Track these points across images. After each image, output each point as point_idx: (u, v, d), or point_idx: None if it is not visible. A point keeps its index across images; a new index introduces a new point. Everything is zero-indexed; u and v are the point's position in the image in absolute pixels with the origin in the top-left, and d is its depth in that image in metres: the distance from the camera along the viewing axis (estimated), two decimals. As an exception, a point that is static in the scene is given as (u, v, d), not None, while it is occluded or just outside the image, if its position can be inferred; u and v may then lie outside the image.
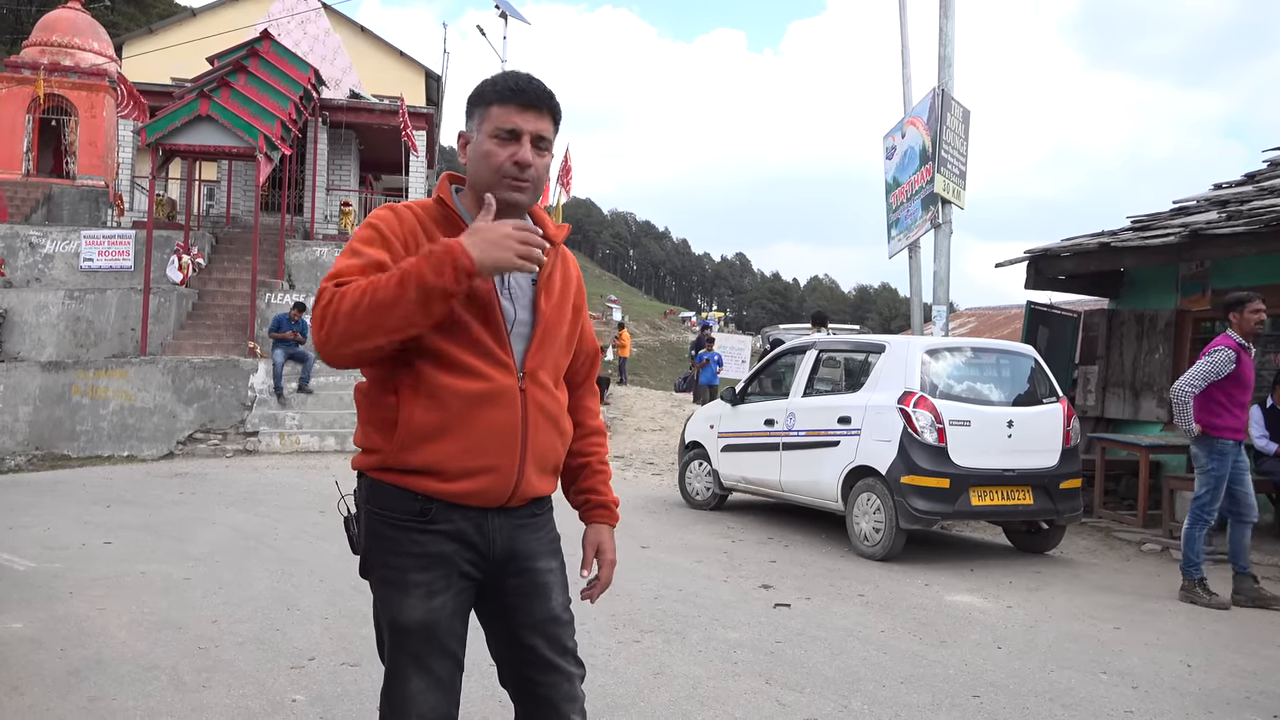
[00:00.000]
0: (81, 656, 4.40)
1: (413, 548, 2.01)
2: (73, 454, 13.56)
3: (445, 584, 2.03)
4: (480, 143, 2.06)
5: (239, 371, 14.29)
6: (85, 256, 16.83)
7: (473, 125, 2.10)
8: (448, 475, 1.99)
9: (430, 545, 2.01)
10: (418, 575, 2.00)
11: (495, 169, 2.04)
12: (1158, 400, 9.99)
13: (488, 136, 2.05)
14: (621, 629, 5.12)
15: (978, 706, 4.18)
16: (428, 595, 2.00)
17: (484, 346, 2.00)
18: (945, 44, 10.54)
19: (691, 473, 9.70)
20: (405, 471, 2.00)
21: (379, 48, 28.38)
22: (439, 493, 2.00)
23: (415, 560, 2.00)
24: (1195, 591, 6.40)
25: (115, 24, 32.20)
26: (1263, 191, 9.43)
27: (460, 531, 2.03)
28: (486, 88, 2.09)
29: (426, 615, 2.01)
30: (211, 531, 7.59)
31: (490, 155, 2.04)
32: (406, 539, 2.01)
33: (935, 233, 10.60)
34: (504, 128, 2.04)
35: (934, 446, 7.15)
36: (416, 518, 2.01)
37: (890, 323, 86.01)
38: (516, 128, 2.04)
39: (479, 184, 2.07)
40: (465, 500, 2.02)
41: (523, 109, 2.05)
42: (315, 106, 19.23)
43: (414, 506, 2.01)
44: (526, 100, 2.06)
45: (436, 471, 1.99)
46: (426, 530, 2.01)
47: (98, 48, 20.81)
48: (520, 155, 2.04)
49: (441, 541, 2.02)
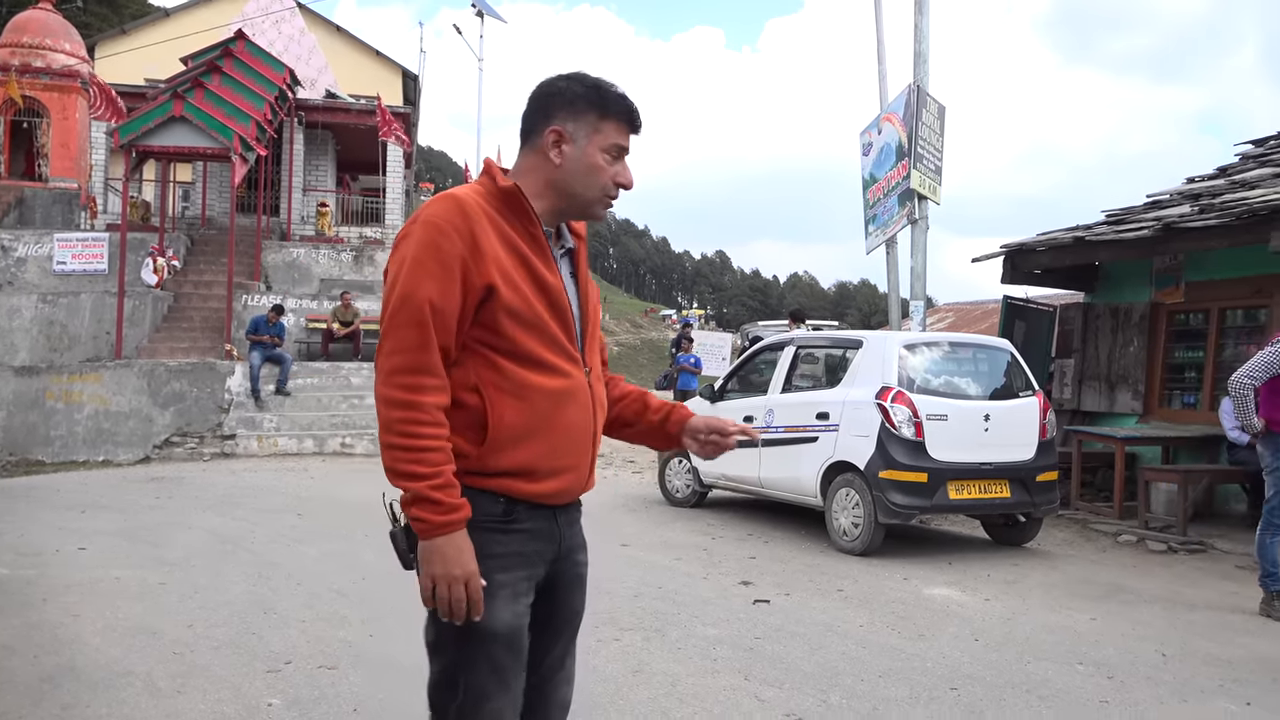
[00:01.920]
0: (55, 663, 4.35)
1: (495, 548, 1.94)
2: (47, 459, 13.41)
3: (528, 586, 2.00)
4: (589, 154, 2.02)
5: (216, 374, 14.18)
6: (58, 260, 16.64)
7: (575, 128, 2.02)
8: (538, 475, 1.97)
9: (512, 544, 1.97)
10: (502, 576, 1.95)
11: (601, 186, 2.04)
12: (1132, 393, 10.07)
13: (600, 150, 2.02)
14: (601, 627, 5.11)
15: (955, 699, 4.20)
16: (513, 597, 1.96)
17: (560, 343, 1.99)
18: (921, 40, 10.59)
19: (671, 470, 9.71)
20: (491, 475, 1.95)
21: (355, 47, 28.22)
22: (526, 494, 1.97)
23: (498, 561, 1.94)
24: (1274, 605, 5.86)
25: (87, 25, 31.84)
26: (1234, 185, 9.52)
27: (539, 530, 2.01)
28: (607, 99, 2.04)
29: (515, 619, 1.96)
30: (188, 536, 7.53)
31: (601, 171, 2.03)
32: (489, 541, 1.94)
33: (912, 228, 10.66)
34: (619, 146, 2.04)
35: (911, 441, 7.18)
36: (500, 519, 1.96)
37: (870, 318, 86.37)
38: (626, 148, 2.05)
39: (576, 193, 2.04)
40: (549, 500, 2.01)
41: (633, 131, 2.07)
42: (291, 107, 19.11)
43: (496, 509, 1.96)
44: (638, 124, 2.08)
45: (528, 473, 1.96)
46: (509, 531, 1.97)
47: (69, 49, 20.55)
48: (626, 178, 2.06)
49: (524, 541, 1.99)
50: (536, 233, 2.01)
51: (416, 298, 1.87)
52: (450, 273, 1.89)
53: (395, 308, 1.89)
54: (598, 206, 2.06)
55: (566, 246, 2.14)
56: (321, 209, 20.29)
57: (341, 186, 23.59)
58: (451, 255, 1.89)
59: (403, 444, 1.84)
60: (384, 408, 1.88)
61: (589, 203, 2.05)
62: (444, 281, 1.88)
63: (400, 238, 1.97)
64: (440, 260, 1.89)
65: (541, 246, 2.01)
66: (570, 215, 2.09)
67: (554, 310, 1.99)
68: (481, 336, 1.93)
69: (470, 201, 1.96)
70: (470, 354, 1.94)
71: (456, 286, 1.89)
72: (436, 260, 1.89)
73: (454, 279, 1.89)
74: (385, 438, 1.87)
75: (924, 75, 10.54)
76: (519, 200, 2.00)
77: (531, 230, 2.00)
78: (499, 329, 1.93)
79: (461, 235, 1.91)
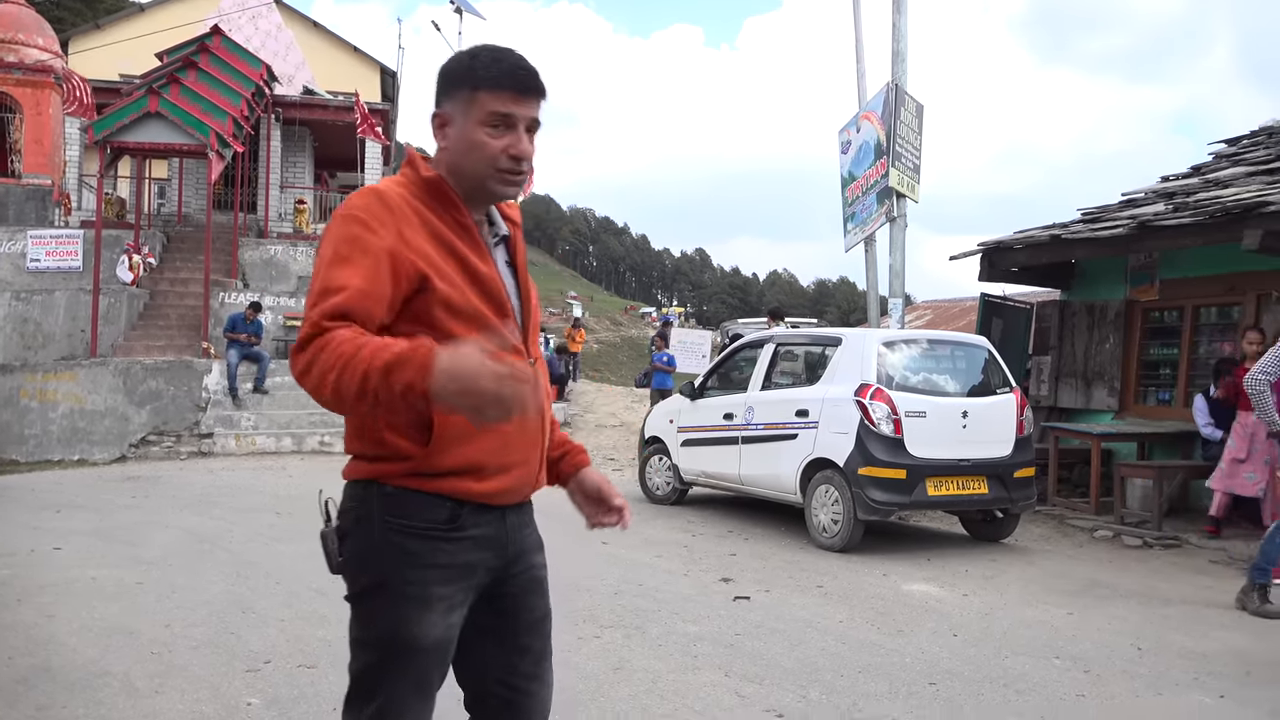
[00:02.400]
0: (29, 664, 4.30)
1: (439, 558, 1.84)
2: (21, 459, 13.28)
3: (464, 597, 1.90)
4: (468, 130, 1.87)
5: (193, 372, 14.08)
6: (32, 257, 16.46)
7: (453, 107, 1.90)
8: (486, 473, 1.86)
9: (458, 554, 1.86)
10: (441, 589, 1.84)
11: (489, 160, 1.87)
12: (1108, 389, 10.16)
13: (478, 124, 1.86)
14: (581, 624, 5.11)
15: (934, 694, 4.23)
16: (448, 610, 1.86)
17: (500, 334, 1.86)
18: (899, 39, 10.64)
19: (651, 468, 9.72)
20: (436, 475, 1.83)
21: (333, 43, 28.08)
22: (473, 493, 1.86)
23: (440, 572, 1.84)
24: (1252, 596, 5.81)
25: (61, 19, 31.51)
26: (1208, 184, 9.62)
27: (486, 537, 1.91)
28: (476, 68, 1.88)
29: (445, 633, 1.87)
30: (165, 535, 7.47)
31: (483, 146, 1.86)
32: (432, 550, 1.83)
33: (890, 226, 10.70)
34: (499, 114, 1.86)
35: (890, 438, 7.22)
36: (444, 526, 1.85)
37: (849, 316, 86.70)
38: (512, 115, 1.87)
39: (466, 174, 1.90)
40: (498, 499, 1.91)
41: (519, 96, 1.88)
42: (268, 103, 18.98)
43: (442, 514, 1.85)
44: (522, 85, 1.88)
45: (475, 470, 1.85)
46: (454, 538, 1.86)
47: (43, 43, 20.31)
48: (519, 148, 1.88)
49: (468, 549, 1.88)
50: (466, 221, 1.90)
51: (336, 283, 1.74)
52: (376, 261, 1.76)
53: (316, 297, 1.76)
54: (493, 183, 1.89)
55: (500, 234, 2.03)
56: (299, 206, 20.16)
57: (319, 183, 23.45)
58: (375, 246, 1.77)
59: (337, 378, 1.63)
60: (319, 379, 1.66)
61: (482, 180, 1.89)
62: (368, 271, 1.75)
63: (323, 236, 1.85)
64: (363, 249, 1.77)
65: (472, 236, 1.91)
66: (478, 199, 1.93)
67: (491, 301, 1.89)
68: (419, 333, 1.79)
69: (392, 194, 1.85)
70: None
71: (384, 276, 1.76)
72: (359, 249, 1.77)
73: (380, 269, 1.76)
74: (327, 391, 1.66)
75: (902, 74, 10.59)
76: (443, 189, 1.89)
77: (460, 219, 1.90)
78: (435, 324, 1.81)
79: (385, 226, 1.79)
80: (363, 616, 1.90)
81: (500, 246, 2.02)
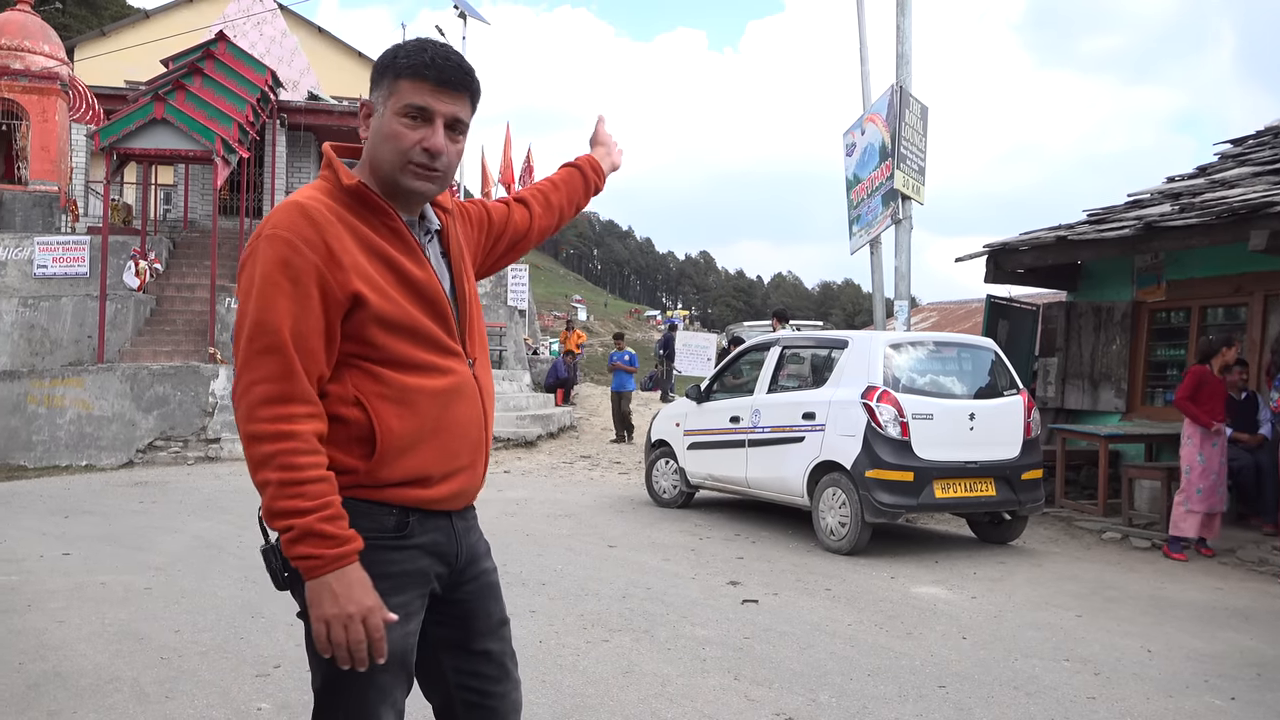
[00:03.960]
0: (40, 670, 4.32)
1: (388, 568, 1.81)
2: (29, 464, 13.30)
3: (419, 605, 1.88)
4: (387, 121, 1.82)
5: (199, 378, 14.09)
6: (39, 263, 16.50)
7: (377, 96, 1.85)
8: (432, 481, 1.84)
9: (407, 563, 1.84)
10: (394, 599, 1.80)
11: (401, 153, 1.81)
12: (1115, 391, 10.14)
13: (394, 115, 1.81)
14: (590, 628, 5.11)
15: (944, 697, 4.22)
16: (404, 620, 1.82)
17: (438, 340, 1.86)
18: (903, 41, 10.63)
19: (658, 471, 9.71)
20: (383, 486, 1.81)
21: (337, 49, 28.13)
22: (421, 501, 1.84)
23: (390, 582, 1.80)
24: None
25: (67, 26, 31.62)
26: (1214, 184, 9.60)
27: (434, 543, 1.89)
28: (397, 57, 1.83)
29: (402, 641, 1.84)
30: (173, 540, 7.49)
31: (397, 137, 1.81)
32: (381, 559, 1.79)
33: (896, 228, 10.69)
34: (414, 105, 1.81)
35: (897, 440, 7.21)
36: (392, 534, 1.82)
37: (854, 318, 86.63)
38: (429, 108, 1.82)
39: (381, 167, 1.84)
40: (445, 505, 1.89)
41: (438, 88, 1.82)
42: (273, 108, 19.01)
43: (389, 522, 1.82)
44: (443, 78, 1.82)
45: (422, 480, 1.83)
46: (402, 546, 1.84)
47: (49, 50, 20.36)
48: (432, 141, 1.82)
49: (418, 557, 1.86)
50: (396, 225, 1.85)
51: (270, 321, 1.70)
52: (306, 289, 1.72)
53: (250, 335, 1.71)
54: (404, 176, 1.83)
55: (432, 228, 1.98)
56: (305, 211, 20.15)
57: (324, 188, 23.45)
58: (304, 270, 1.72)
59: (280, 478, 1.67)
60: (253, 445, 1.69)
61: (394, 172, 1.83)
62: (300, 300, 1.71)
63: (245, 258, 1.78)
64: (292, 277, 1.71)
65: (403, 239, 1.86)
66: (402, 198, 1.87)
67: (428, 307, 1.85)
68: (354, 350, 1.79)
69: (315, 207, 1.78)
70: (345, 368, 1.79)
71: (316, 304, 1.73)
72: (288, 277, 1.71)
73: (311, 295, 1.72)
74: (260, 475, 1.68)
75: (907, 76, 10.58)
76: (367, 194, 1.83)
77: (389, 224, 1.84)
78: (370, 340, 1.78)
79: (313, 246, 1.73)
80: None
81: (433, 241, 1.98)
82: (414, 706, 2.07)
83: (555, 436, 15.58)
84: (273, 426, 1.68)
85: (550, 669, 4.42)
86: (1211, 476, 7.44)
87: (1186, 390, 7.51)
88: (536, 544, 7.41)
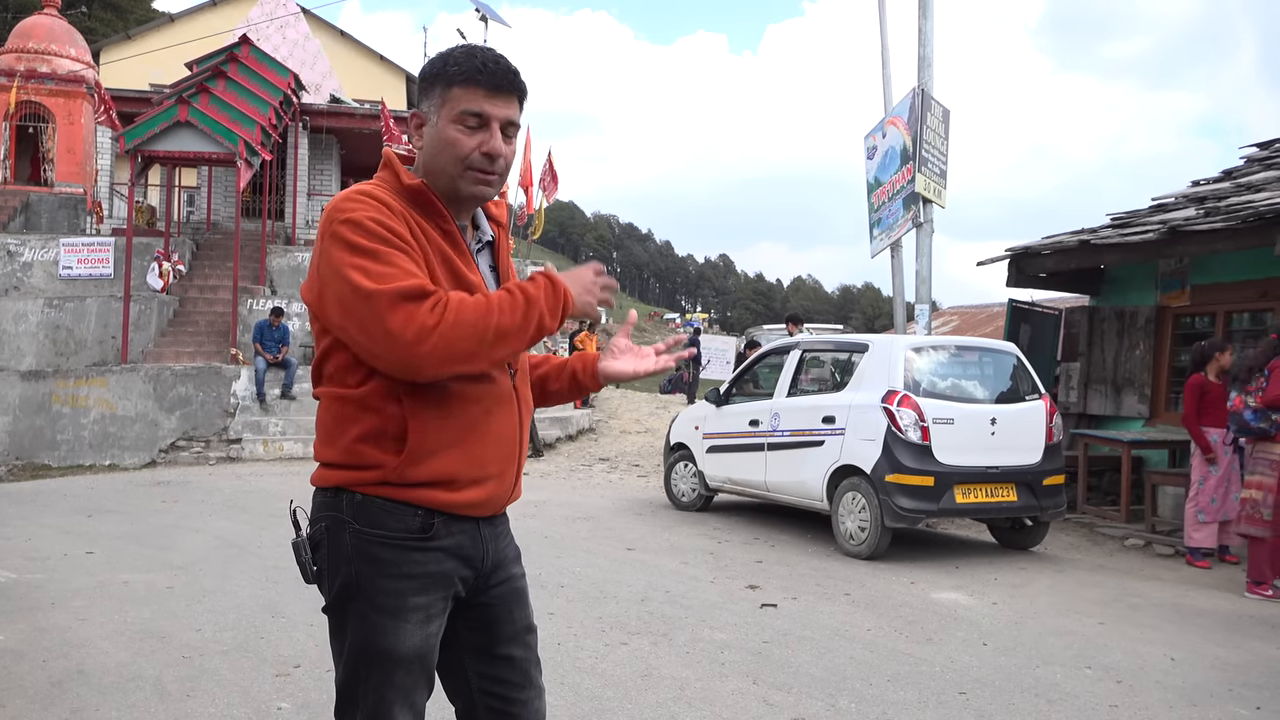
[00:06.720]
0: (63, 668, 4.36)
1: (412, 568, 1.83)
2: (53, 464, 13.44)
3: (442, 607, 1.89)
4: (441, 129, 1.86)
5: (221, 378, 14.20)
6: (64, 264, 16.69)
7: (429, 106, 1.88)
8: (459, 484, 1.85)
9: (430, 564, 1.85)
10: (417, 599, 1.83)
11: (461, 160, 1.85)
12: (1139, 396, 10.05)
13: (450, 122, 1.85)
14: (608, 631, 5.11)
15: (964, 703, 4.19)
16: (425, 620, 1.85)
17: None
18: (924, 44, 10.58)
19: (677, 474, 9.70)
20: (409, 485, 1.82)
21: (359, 52, 28.27)
22: (446, 504, 1.85)
23: (414, 582, 1.83)
24: None
25: (92, 30, 31.99)
26: (1240, 188, 9.50)
27: (459, 546, 1.89)
28: (448, 65, 1.87)
29: (423, 643, 1.85)
30: (195, 540, 7.54)
31: (455, 144, 1.84)
32: (405, 559, 1.82)
33: (917, 232, 10.63)
34: (470, 111, 1.84)
35: (918, 445, 7.17)
36: (417, 535, 1.83)
37: (874, 322, 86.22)
38: (484, 113, 1.85)
39: (441, 174, 1.87)
40: (471, 510, 1.89)
41: (491, 93, 1.85)
42: (295, 111, 19.14)
43: (414, 523, 1.83)
44: (496, 83, 1.85)
45: (449, 482, 1.84)
46: (427, 548, 1.84)
47: (75, 54, 20.62)
48: (491, 145, 1.85)
49: (442, 559, 1.86)
50: (451, 228, 1.88)
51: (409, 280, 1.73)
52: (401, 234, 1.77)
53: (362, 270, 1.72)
54: (464, 182, 1.87)
55: (485, 239, 2.01)
56: (326, 213, 20.27)
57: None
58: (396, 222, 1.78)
59: (495, 328, 1.73)
60: (454, 340, 1.70)
61: (454, 180, 1.86)
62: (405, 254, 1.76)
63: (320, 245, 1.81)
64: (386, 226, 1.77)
65: (457, 243, 1.89)
66: (459, 203, 1.91)
67: None
68: None
69: (384, 196, 1.83)
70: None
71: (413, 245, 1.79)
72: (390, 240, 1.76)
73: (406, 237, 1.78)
74: (481, 343, 1.73)
75: (928, 79, 10.53)
76: (426, 196, 1.86)
77: (445, 226, 1.88)
78: None
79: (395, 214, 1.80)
80: (339, 627, 1.90)
81: (484, 252, 2.01)
82: (436, 709, 2.07)
83: (574, 439, 15.59)
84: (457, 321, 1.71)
85: (569, 671, 4.43)
86: (1224, 486, 7.37)
87: (1190, 407, 7.46)
88: (555, 546, 7.41)
